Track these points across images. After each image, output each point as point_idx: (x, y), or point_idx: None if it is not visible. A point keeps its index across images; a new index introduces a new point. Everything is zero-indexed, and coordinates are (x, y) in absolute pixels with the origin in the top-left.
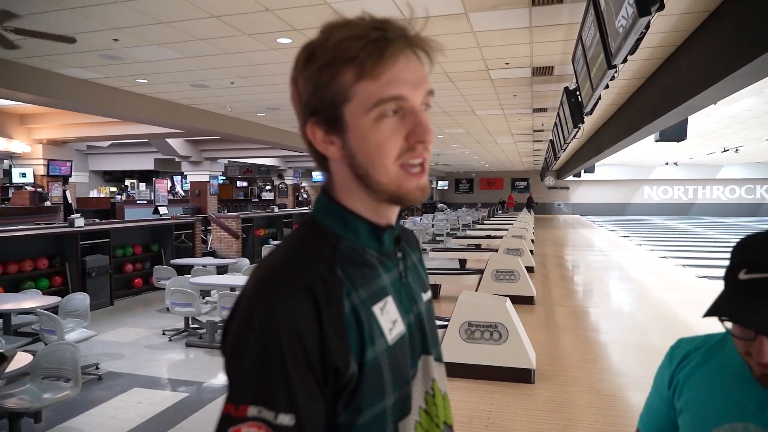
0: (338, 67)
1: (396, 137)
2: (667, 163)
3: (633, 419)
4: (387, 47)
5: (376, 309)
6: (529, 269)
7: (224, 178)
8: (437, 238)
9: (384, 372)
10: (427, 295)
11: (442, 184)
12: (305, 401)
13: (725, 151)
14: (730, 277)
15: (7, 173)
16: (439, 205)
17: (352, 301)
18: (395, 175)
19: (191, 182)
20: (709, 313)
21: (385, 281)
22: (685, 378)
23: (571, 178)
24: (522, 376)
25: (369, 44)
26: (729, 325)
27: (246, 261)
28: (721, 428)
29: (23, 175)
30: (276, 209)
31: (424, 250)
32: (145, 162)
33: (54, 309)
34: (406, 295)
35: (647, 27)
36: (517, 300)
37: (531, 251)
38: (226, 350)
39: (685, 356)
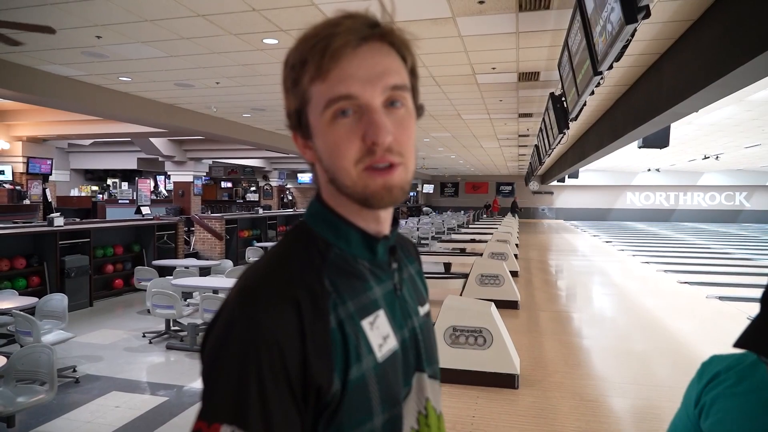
0: (298, 71)
1: (352, 138)
2: (649, 170)
3: (615, 425)
4: (330, 44)
5: (365, 323)
6: (514, 273)
7: (208, 178)
8: (422, 242)
9: (371, 391)
10: (424, 309)
11: (428, 188)
12: (281, 422)
13: (706, 158)
14: (767, 300)
15: None
16: (424, 209)
17: (339, 314)
18: (358, 177)
19: (175, 182)
20: (740, 343)
21: (376, 294)
22: (714, 399)
23: (555, 183)
24: (506, 381)
25: (317, 43)
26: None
27: (229, 263)
28: None
29: (1, 172)
30: (260, 211)
31: None
32: (128, 161)
33: (31, 310)
34: (401, 308)
35: (633, 34)
36: (501, 304)
37: (515, 255)
38: (204, 359)
39: (715, 375)
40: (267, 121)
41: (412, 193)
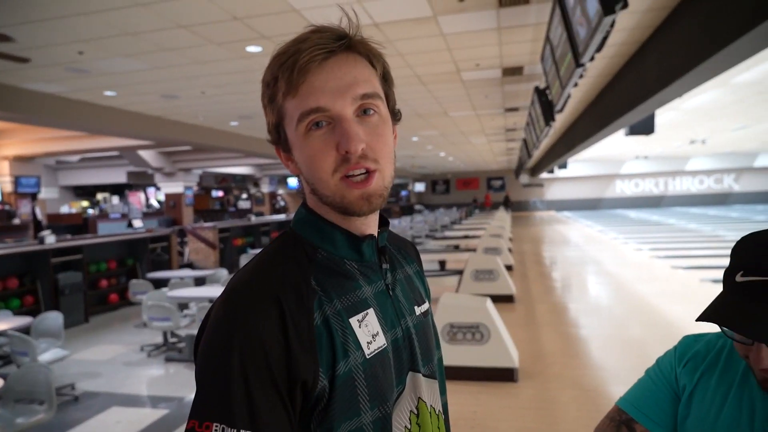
0: (272, 88)
1: (327, 149)
2: (637, 157)
3: None
4: (297, 60)
5: (354, 321)
6: (508, 267)
7: (199, 188)
8: (416, 240)
9: (359, 387)
10: (421, 309)
11: (419, 186)
12: (267, 418)
13: (692, 143)
14: (728, 278)
15: None
16: (417, 207)
17: (325, 312)
18: (336, 187)
19: (166, 194)
20: (703, 317)
21: (366, 293)
22: (694, 380)
23: (545, 175)
24: (505, 375)
25: (286, 60)
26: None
27: (224, 271)
28: None
29: None
30: (253, 218)
31: None
32: (117, 175)
33: (26, 329)
34: (393, 308)
35: (612, 25)
36: (497, 299)
37: (509, 249)
38: (196, 360)
39: (694, 356)
40: (254, 128)
41: (404, 192)
